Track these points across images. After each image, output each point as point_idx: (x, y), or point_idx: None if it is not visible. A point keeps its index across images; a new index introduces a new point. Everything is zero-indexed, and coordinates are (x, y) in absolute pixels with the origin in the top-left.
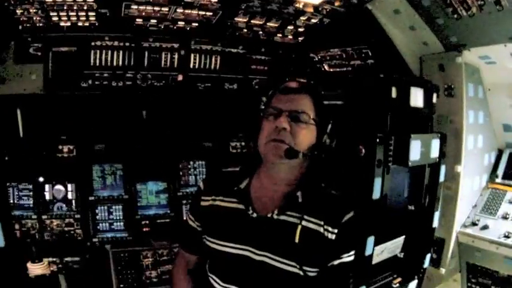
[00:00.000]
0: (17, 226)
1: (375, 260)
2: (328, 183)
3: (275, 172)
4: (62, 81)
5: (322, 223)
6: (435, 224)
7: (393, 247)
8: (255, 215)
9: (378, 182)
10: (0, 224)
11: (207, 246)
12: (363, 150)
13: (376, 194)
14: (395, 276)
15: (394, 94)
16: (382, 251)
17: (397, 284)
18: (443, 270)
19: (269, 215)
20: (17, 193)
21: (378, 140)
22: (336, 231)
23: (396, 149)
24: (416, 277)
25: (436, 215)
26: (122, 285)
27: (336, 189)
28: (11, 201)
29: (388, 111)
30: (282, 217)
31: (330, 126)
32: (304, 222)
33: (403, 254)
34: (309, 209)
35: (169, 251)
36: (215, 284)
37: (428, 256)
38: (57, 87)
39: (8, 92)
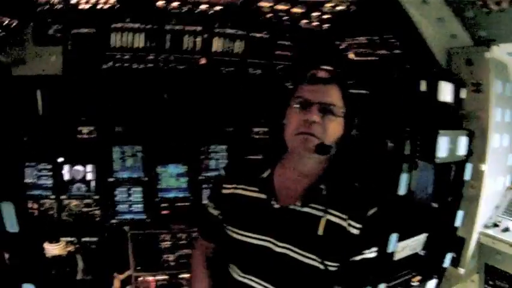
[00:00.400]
0: (35, 206)
1: (396, 256)
2: (353, 176)
3: (301, 164)
4: (82, 63)
5: (345, 217)
6: (458, 223)
7: (415, 244)
8: (277, 205)
9: (404, 178)
10: (14, 209)
11: (227, 236)
12: (390, 145)
13: (402, 190)
14: (414, 274)
15: (423, 87)
16: (404, 248)
17: (417, 282)
18: (462, 270)
19: (292, 206)
20: (35, 173)
21: (406, 135)
22: (359, 226)
23: (423, 144)
24: (435, 276)
25: (460, 214)
26: (139, 268)
27: (360, 183)
28: (30, 180)
29: (417, 105)
30: (305, 209)
31: (357, 118)
32: (328, 216)
33: (424, 252)
34: (332, 202)
35: (188, 235)
36: (234, 274)
37: (449, 255)
38: (77, 69)
39: (28, 73)
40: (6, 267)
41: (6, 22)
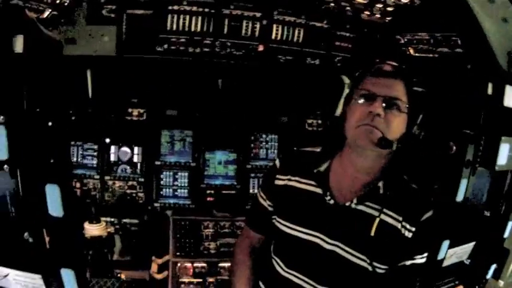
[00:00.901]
0: (78, 185)
1: (444, 264)
2: (411, 176)
3: (361, 159)
4: (135, 45)
5: (400, 219)
6: (507, 234)
7: (462, 252)
8: (332, 201)
9: (463, 184)
10: (60, 193)
11: (277, 228)
12: (454, 148)
13: (460, 196)
14: (457, 282)
15: (490, 91)
16: (451, 256)
17: None
18: (501, 283)
19: (347, 204)
20: (81, 152)
21: (469, 139)
22: (413, 229)
23: (485, 150)
24: (477, 287)
25: (510, 225)
26: (178, 253)
27: (418, 183)
28: (75, 159)
29: (483, 109)
30: (360, 207)
31: (421, 116)
32: (382, 216)
33: (469, 260)
34: (389, 201)
35: (232, 223)
36: (278, 268)
37: (493, 267)
38: (130, 50)
39: (79, 53)
40: (46, 250)
41: (59, 1)
